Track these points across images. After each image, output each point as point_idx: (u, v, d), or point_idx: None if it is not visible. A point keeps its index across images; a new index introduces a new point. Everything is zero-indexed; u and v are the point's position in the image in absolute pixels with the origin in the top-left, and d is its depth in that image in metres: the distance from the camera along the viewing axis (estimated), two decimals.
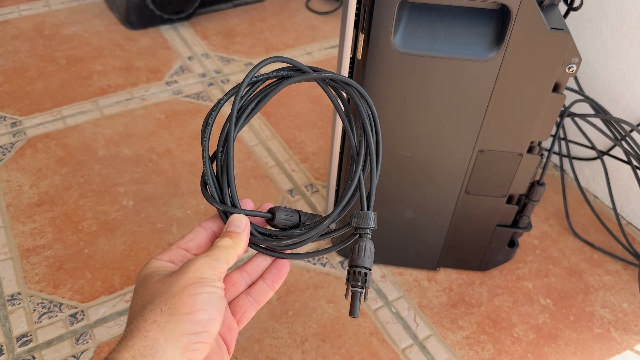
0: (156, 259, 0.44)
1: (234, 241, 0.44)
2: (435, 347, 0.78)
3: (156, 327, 0.38)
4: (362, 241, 0.44)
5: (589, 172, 1.03)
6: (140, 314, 0.39)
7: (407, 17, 0.61)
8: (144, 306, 0.39)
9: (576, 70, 0.64)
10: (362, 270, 0.43)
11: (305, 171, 1.03)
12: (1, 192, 0.95)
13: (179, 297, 0.39)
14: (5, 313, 0.78)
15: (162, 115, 1.12)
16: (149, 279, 0.42)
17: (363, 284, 0.43)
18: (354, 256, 0.44)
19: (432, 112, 0.67)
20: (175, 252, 0.45)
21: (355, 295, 0.43)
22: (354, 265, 0.44)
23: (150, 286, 0.41)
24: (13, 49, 1.27)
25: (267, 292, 0.48)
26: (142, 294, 0.41)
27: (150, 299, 0.40)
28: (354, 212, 0.46)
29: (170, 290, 0.40)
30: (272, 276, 0.48)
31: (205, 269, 0.41)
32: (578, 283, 0.88)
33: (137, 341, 0.38)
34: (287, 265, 0.49)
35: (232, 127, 0.46)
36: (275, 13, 1.47)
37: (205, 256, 0.42)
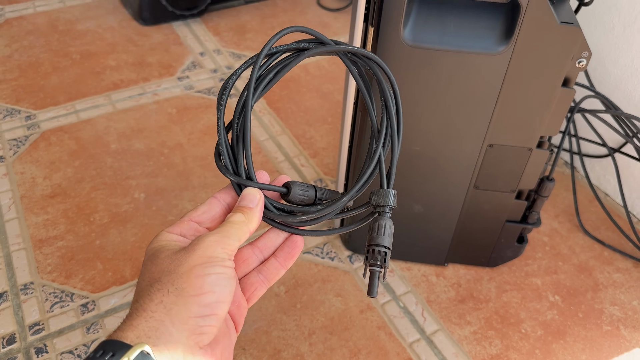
0: (167, 232, 0.43)
1: (247, 217, 0.42)
2: (443, 342, 0.78)
3: (162, 308, 0.37)
4: (382, 219, 0.43)
5: (599, 169, 1.02)
6: (146, 292, 0.38)
7: (417, 10, 0.61)
8: (151, 284, 0.38)
9: (586, 65, 0.64)
10: (381, 249, 0.42)
11: (315, 166, 1.04)
12: (15, 184, 0.96)
13: (187, 277, 0.38)
14: (18, 302, 0.79)
15: (173, 110, 1.13)
16: (158, 253, 0.40)
17: (382, 263, 0.42)
18: (372, 234, 0.42)
19: (441, 106, 0.67)
20: (187, 225, 0.43)
21: (374, 274, 0.42)
22: (373, 244, 0.42)
23: (158, 262, 0.39)
24: (28, 44, 1.28)
25: (279, 270, 0.46)
26: (150, 269, 0.39)
27: (158, 277, 0.38)
28: (373, 190, 0.44)
29: (178, 269, 0.38)
30: (285, 254, 0.46)
31: (215, 246, 0.39)
32: (587, 280, 0.87)
33: (142, 321, 0.36)
34: (300, 243, 0.46)
35: (250, 95, 0.43)
36: (286, 10, 1.48)
37: (215, 232, 0.40)
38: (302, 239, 0.47)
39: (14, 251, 0.86)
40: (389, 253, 0.42)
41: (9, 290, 0.80)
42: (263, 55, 0.44)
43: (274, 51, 0.46)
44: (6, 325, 0.76)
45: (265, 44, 0.44)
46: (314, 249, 0.89)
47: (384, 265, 0.42)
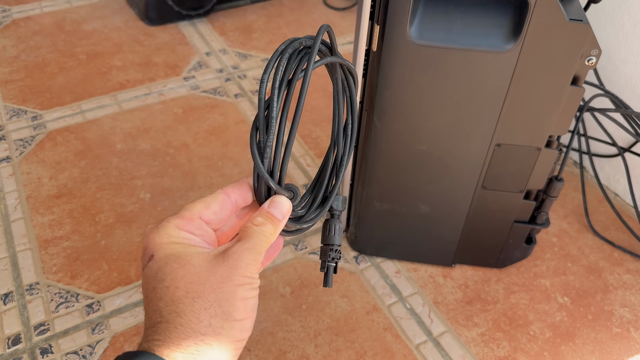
0: (177, 227, 0.40)
1: (275, 229, 0.41)
2: (450, 344, 0.77)
3: (211, 332, 0.36)
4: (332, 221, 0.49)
5: (609, 169, 1.01)
6: (189, 307, 0.36)
7: (423, 8, 0.60)
8: (193, 298, 0.36)
9: (596, 63, 0.63)
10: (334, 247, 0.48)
11: None
12: (21, 184, 0.96)
13: (233, 300, 0.37)
14: (24, 302, 0.79)
15: (179, 110, 1.13)
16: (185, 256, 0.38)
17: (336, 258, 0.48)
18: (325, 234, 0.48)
19: (448, 104, 0.66)
20: (197, 224, 0.41)
21: (329, 269, 0.47)
22: (326, 243, 0.48)
23: (193, 270, 0.37)
24: (35, 45, 1.29)
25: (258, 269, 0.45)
26: (184, 276, 0.37)
27: (199, 291, 0.36)
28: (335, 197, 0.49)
29: (222, 287, 0.37)
30: (267, 254, 0.45)
31: (254, 266, 0.38)
32: (597, 281, 0.86)
33: (192, 343, 0.35)
34: (281, 244, 0.46)
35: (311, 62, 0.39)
36: (292, 9, 1.47)
37: (252, 248, 0.39)
38: (282, 239, 0.47)
39: (19, 251, 0.86)
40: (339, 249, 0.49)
41: (14, 291, 0.80)
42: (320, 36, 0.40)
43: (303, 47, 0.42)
44: (12, 325, 0.76)
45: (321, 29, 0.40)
46: None
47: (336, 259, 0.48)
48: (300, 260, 0.87)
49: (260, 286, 0.81)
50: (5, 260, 0.84)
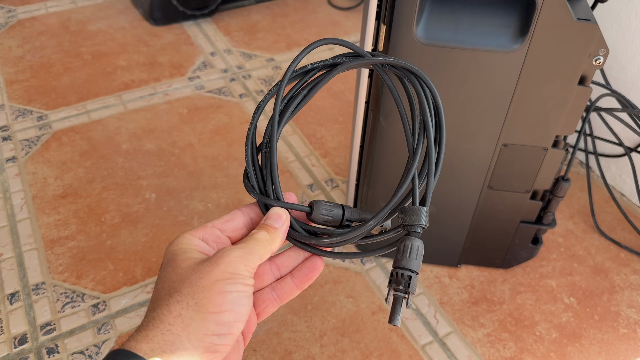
0: (189, 234, 0.42)
1: (271, 236, 0.41)
2: (456, 344, 0.77)
3: (180, 322, 0.36)
4: (409, 240, 0.39)
5: (615, 169, 1.00)
6: (165, 302, 0.37)
7: (430, 8, 0.60)
8: (170, 294, 0.37)
9: (603, 62, 0.62)
10: (406, 273, 0.38)
11: (326, 166, 1.03)
12: (27, 184, 0.96)
13: (208, 292, 0.37)
14: (30, 302, 0.79)
15: (184, 110, 1.13)
16: (179, 259, 0.39)
17: (406, 288, 0.38)
18: (398, 256, 0.39)
19: (454, 104, 0.66)
20: (210, 231, 0.42)
21: (397, 300, 0.38)
22: (399, 267, 0.38)
23: (179, 271, 0.38)
24: (40, 45, 1.29)
25: (293, 291, 0.45)
26: (170, 276, 0.38)
27: (178, 287, 0.37)
28: (403, 207, 0.41)
29: (200, 282, 0.37)
30: (302, 275, 0.45)
31: (239, 263, 0.38)
32: (603, 282, 0.86)
33: (158, 333, 0.36)
34: (320, 266, 0.45)
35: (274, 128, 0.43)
36: (297, 9, 1.47)
37: (240, 247, 0.39)
38: (322, 261, 0.45)
39: (25, 251, 0.86)
40: (415, 277, 0.38)
41: (20, 290, 0.80)
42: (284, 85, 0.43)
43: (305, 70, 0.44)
44: (18, 325, 0.76)
45: (287, 69, 0.42)
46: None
47: (408, 290, 0.38)
48: None
49: None
50: (11, 260, 0.84)
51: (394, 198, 0.41)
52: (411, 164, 0.41)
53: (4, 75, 1.20)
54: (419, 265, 0.39)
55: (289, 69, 0.43)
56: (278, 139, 0.43)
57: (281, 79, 0.43)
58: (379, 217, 0.41)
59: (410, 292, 0.38)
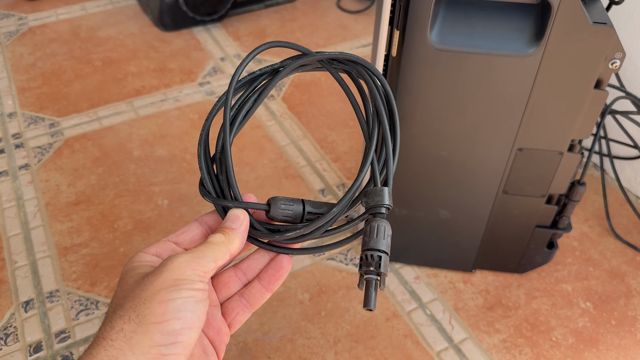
0: (143, 252, 0.41)
1: (227, 237, 0.39)
2: (471, 351, 0.77)
3: (122, 337, 0.35)
4: (375, 221, 0.38)
5: (630, 171, 0.99)
6: (109, 319, 0.36)
7: (444, 13, 0.60)
8: (114, 310, 0.36)
9: (620, 66, 0.62)
10: (375, 254, 0.37)
11: (337, 171, 1.03)
12: (40, 191, 0.97)
13: (150, 303, 0.35)
14: (45, 310, 0.79)
15: (195, 115, 1.13)
16: (127, 276, 0.38)
17: (377, 269, 0.37)
18: (365, 239, 0.38)
19: (469, 109, 0.66)
20: (164, 246, 0.41)
21: (370, 283, 0.36)
22: (367, 249, 0.37)
23: (125, 287, 0.37)
24: (51, 52, 1.30)
25: (263, 294, 0.43)
26: (117, 294, 0.38)
27: (122, 303, 0.36)
28: (364, 190, 0.40)
29: (142, 294, 0.36)
30: (269, 276, 0.43)
31: (185, 268, 0.36)
32: (620, 286, 0.85)
33: (102, 350, 0.34)
34: (287, 264, 0.43)
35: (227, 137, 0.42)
36: (306, 13, 1.47)
37: (188, 252, 0.38)
38: (289, 259, 0.43)
39: (39, 259, 0.86)
40: (386, 257, 0.37)
41: (35, 298, 0.81)
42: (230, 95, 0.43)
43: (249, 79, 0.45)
44: (33, 333, 0.77)
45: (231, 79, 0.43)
46: (338, 255, 0.88)
47: (379, 271, 0.37)
48: (318, 266, 0.86)
49: (279, 292, 0.82)
50: (25, 267, 0.85)
51: (355, 184, 0.40)
52: (368, 150, 0.42)
53: (16, 82, 1.20)
54: (388, 245, 0.37)
55: (233, 79, 0.43)
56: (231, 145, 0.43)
57: (227, 90, 0.43)
58: (341, 205, 0.40)
59: (382, 273, 0.37)
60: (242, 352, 0.75)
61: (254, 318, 0.79)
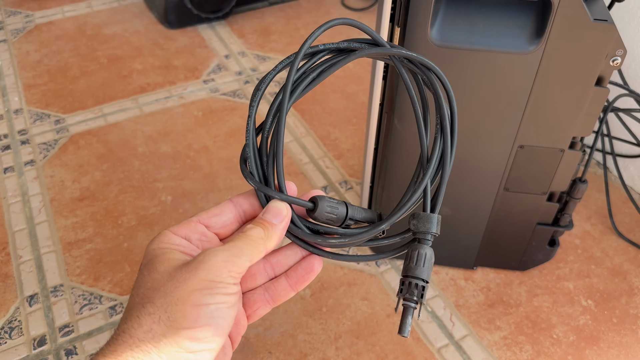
0: (171, 232, 0.38)
1: (267, 233, 0.37)
2: (472, 347, 0.77)
3: (150, 338, 0.33)
4: (421, 248, 0.38)
5: (633, 169, 0.99)
6: (137, 312, 0.34)
7: (445, 10, 0.60)
8: (143, 304, 0.34)
9: (621, 63, 0.62)
10: (418, 283, 0.37)
11: (340, 168, 1.03)
12: (45, 187, 0.98)
13: (182, 305, 0.33)
14: (49, 304, 0.80)
15: (199, 112, 1.14)
16: (157, 262, 0.35)
17: (419, 298, 0.37)
18: (410, 264, 0.37)
19: (469, 107, 0.66)
20: (194, 227, 0.38)
21: (407, 311, 0.36)
22: (409, 276, 0.37)
23: (155, 275, 0.35)
24: (57, 49, 1.31)
25: (288, 292, 0.41)
26: (145, 282, 0.35)
27: (152, 296, 0.34)
28: (414, 213, 0.39)
29: (175, 292, 0.33)
30: (298, 275, 0.41)
31: (221, 269, 0.34)
32: (622, 284, 0.85)
33: (127, 349, 0.33)
34: (318, 267, 0.41)
35: (285, 98, 0.38)
36: (310, 10, 1.48)
37: (226, 249, 0.35)
38: (320, 262, 0.41)
39: (44, 254, 0.87)
40: (426, 287, 0.37)
41: (39, 293, 0.82)
42: (301, 56, 0.38)
43: (315, 50, 0.40)
44: (37, 327, 0.77)
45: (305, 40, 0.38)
46: (340, 251, 0.88)
47: (420, 300, 0.37)
48: None
49: None
50: (30, 262, 0.86)
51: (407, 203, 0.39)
52: (426, 170, 0.40)
53: (22, 79, 1.21)
54: (430, 274, 0.38)
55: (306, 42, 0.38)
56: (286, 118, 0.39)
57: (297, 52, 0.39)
58: (390, 221, 0.39)
59: (421, 302, 0.37)
60: (244, 347, 0.76)
61: None
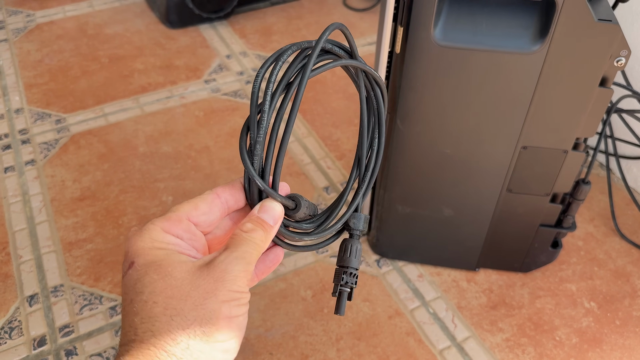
0: (162, 230, 0.36)
1: (267, 236, 0.37)
2: (474, 349, 0.76)
3: (189, 355, 0.32)
4: (352, 242, 0.44)
5: (637, 171, 0.99)
6: (166, 325, 0.32)
7: (448, 9, 0.59)
8: (171, 315, 0.33)
9: (625, 64, 0.61)
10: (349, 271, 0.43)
11: (341, 168, 1.03)
12: (46, 187, 0.97)
13: (216, 320, 0.33)
14: (49, 304, 0.80)
15: (200, 112, 1.14)
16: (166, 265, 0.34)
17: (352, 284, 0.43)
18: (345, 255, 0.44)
19: (472, 107, 0.65)
20: (186, 227, 0.37)
21: (343, 294, 0.43)
22: (342, 265, 0.44)
23: (172, 282, 0.34)
24: (58, 49, 1.30)
25: (253, 281, 0.41)
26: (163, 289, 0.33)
27: (179, 307, 0.33)
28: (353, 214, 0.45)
29: (205, 304, 0.33)
30: (265, 267, 0.41)
31: (242, 279, 0.34)
32: (625, 286, 0.84)
33: None
34: (281, 257, 0.42)
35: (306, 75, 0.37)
36: (312, 11, 1.47)
37: (240, 257, 0.35)
38: (283, 252, 0.43)
39: (44, 254, 0.87)
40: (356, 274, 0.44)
41: (39, 293, 0.81)
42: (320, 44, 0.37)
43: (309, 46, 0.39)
44: (37, 327, 0.77)
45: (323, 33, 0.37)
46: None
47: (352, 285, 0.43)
48: (322, 263, 0.86)
49: (282, 289, 0.82)
50: (30, 262, 0.85)
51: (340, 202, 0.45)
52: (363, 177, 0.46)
53: (23, 78, 1.21)
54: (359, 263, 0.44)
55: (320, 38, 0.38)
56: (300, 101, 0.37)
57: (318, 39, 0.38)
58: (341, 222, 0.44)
59: (352, 287, 0.44)
60: (245, 348, 0.75)
61: (256, 315, 0.79)
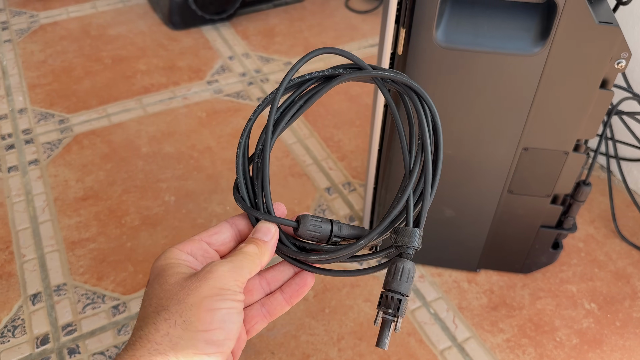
0: (177, 249, 0.41)
1: (260, 250, 0.40)
2: (475, 350, 0.77)
3: (167, 341, 0.35)
4: (401, 262, 0.39)
5: (637, 173, 0.99)
6: (152, 320, 0.36)
7: (450, 11, 0.60)
8: (158, 312, 0.36)
9: (625, 66, 0.62)
10: (396, 296, 0.38)
11: (343, 169, 1.03)
12: (49, 186, 0.98)
13: (197, 310, 0.36)
14: (52, 303, 0.80)
15: (203, 113, 1.14)
16: (166, 274, 0.38)
17: (395, 312, 0.38)
18: (389, 278, 0.38)
19: (474, 108, 0.66)
20: (198, 245, 0.42)
21: (386, 323, 0.38)
22: (389, 289, 0.38)
23: (166, 287, 0.37)
24: (62, 49, 1.31)
25: (283, 307, 0.44)
26: (157, 292, 0.38)
27: (166, 304, 0.36)
28: (396, 227, 0.40)
29: (187, 299, 0.36)
30: (292, 290, 0.44)
31: (228, 277, 0.37)
32: (625, 288, 0.85)
33: (145, 353, 0.35)
34: (310, 281, 0.44)
35: (267, 139, 0.42)
36: (314, 12, 1.48)
37: (229, 261, 0.39)
38: (312, 277, 0.44)
39: (47, 253, 0.87)
40: (405, 301, 0.38)
41: (42, 291, 0.82)
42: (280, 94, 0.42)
43: (302, 80, 0.43)
44: (40, 325, 0.78)
45: (284, 77, 0.41)
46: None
47: (397, 313, 0.38)
48: None
49: None
50: (33, 261, 0.86)
51: (387, 218, 0.40)
52: (407, 184, 0.40)
53: (27, 79, 1.22)
54: (409, 288, 0.38)
55: (285, 78, 0.42)
56: (271, 150, 0.42)
57: (277, 88, 0.42)
58: (369, 238, 0.40)
59: (399, 316, 0.38)
60: (247, 347, 0.76)
61: None
